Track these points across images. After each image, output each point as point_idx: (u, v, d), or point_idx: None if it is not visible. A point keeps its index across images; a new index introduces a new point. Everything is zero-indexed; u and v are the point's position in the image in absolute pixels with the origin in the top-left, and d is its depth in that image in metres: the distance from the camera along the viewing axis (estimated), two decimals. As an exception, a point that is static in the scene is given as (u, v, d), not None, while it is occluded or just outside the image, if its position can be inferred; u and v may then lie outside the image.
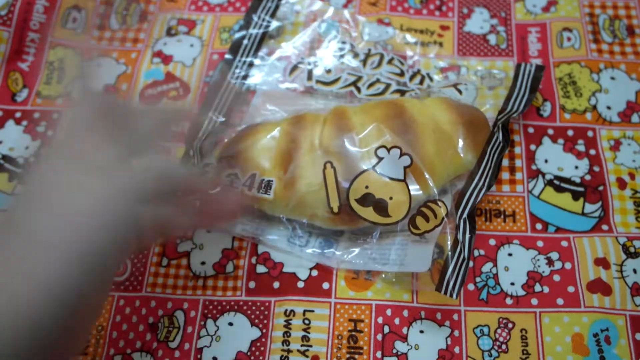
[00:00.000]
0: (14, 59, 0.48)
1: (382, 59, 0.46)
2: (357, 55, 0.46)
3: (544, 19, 0.49)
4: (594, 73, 0.46)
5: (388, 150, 0.38)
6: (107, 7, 0.51)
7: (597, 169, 0.42)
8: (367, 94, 0.44)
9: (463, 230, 0.37)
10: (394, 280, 0.39)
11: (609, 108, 0.45)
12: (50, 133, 0.44)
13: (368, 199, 0.37)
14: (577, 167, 0.43)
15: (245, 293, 0.39)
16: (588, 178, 0.42)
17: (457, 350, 0.37)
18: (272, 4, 0.49)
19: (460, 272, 0.36)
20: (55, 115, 0.45)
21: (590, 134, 0.44)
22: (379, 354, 0.37)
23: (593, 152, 0.43)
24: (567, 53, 0.47)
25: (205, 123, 0.43)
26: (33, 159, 0.32)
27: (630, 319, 0.37)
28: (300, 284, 0.39)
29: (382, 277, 0.39)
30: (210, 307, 0.38)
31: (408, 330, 0.37)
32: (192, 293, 0.39)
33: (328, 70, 0.46)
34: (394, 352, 0.37)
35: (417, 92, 0.44)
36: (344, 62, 0.46)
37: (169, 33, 0.50)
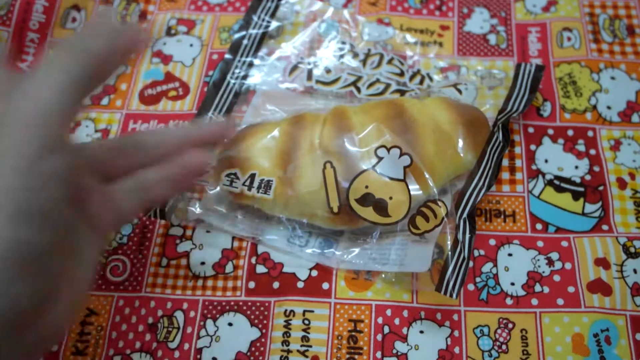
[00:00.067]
0: (14, 59, 0.48)
1: (382, 59, 0.46)
2: (357, 55, 0.46)
3: (544, 19, 0.49)
4: (594, 73, 0.46)
5: (388, 150, 0.38)
6: (106, 7, 0.51)
7: (597, 169, 0.42)
8: (367, 94, 0.44)
9: (463, 230, 0.37)
10: (394, 281, 0.39)
11: (609, 108, 0.45)
12: None
13: (368, 199, 0.37)
14: (577, 167, 0.43)
15: (245, 293, 0.39)
16: (588, 178, 0.42)
17: (457, 351, 0.37)
18: (271, 4, 0.49)
19: (460, 272, 0.35)
20: None
21: (591, 134, 0.44)
22: (379, 354, 0.37)
23: (593, 152, 0.43)
24: (567, 53, 0.47)
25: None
26: None
27: (631, 319, 0.37)
28: (300, 284, 0.39)
29: (382, 277, 0.39)
30: (210, 307, 0.38)
31: (408, 331, 0.37)
32: (191, 293, 0.39)
33: (328, 70, 0.46)
34: (394, 352, 0.37)
35: (417, 92, 0.44)
36: (344, 62, 0.46)
37: (169, 33, 0.50)
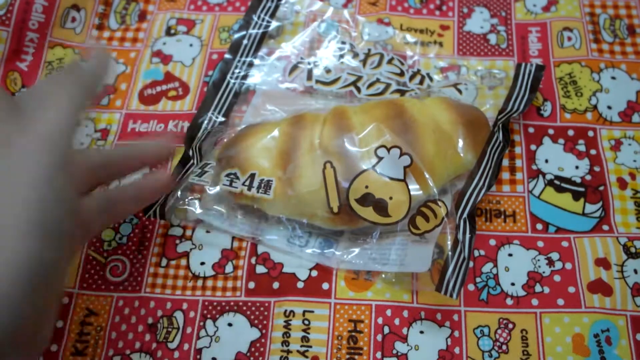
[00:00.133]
0: (13, 59, 0.47)
1: (382, 59, 0.46)
2: (356, 55, 0.46)
3: (545, 19, 0.49)
4: (595, 73, 0.46)
5: (388, 150, 0.38)
6: (106, 6, 0.51)
7: (597, 169, 0.42)
8: (367, 94, 0.44)
9: (463, 230, 0.37)
10: (394, 281, 0.38)
11: (610, 108, 0.45)
12: None
13: (368, 199, 0.37)
14: (577, 167, 0.43)
15: (245, 293, 0.39)
16: (588, 178, 0.42)
17: (457, 351, 0.37)
18: (271, 4, 0.49)
19: (461, 272, 0.35)
20: None
21: (591, 134, 0.44)
22: (379, 355, 0.36)
23: (594, 152, 0.43)
24: (567, 53, 0.47)
25: (205, 123, 0.43)
26: None
27: (631, 320, 0.37)
28: (300, 285, 0.39)
29: (382, 277, 0.39)
30: (210, 307, 0.38)
31: (408, 331, 0.37)
32: (191, 293, 0.39)
33: (328, 70, 0.46)
34: (394, 352, 0.37)
35: (417, 92, 0.44)
36: (344, 62, 0.46)
37: (168, 33, 0.50)
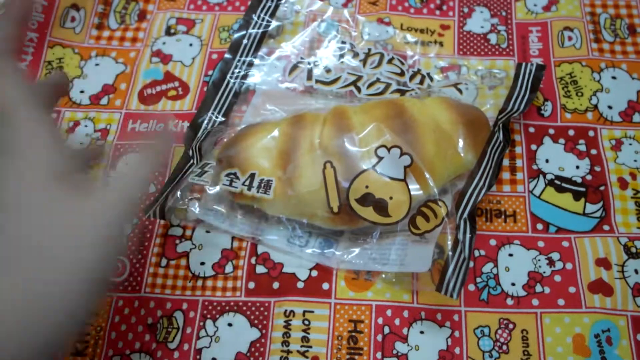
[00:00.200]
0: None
1: (382, 59, 0.46)
2: (357, 55, 0.46)
3: (545, 18, 0.49)
4: (595, 72, 0.46)
5: (388, 150, 0.38)
6: (105, 6, 0.51)
7: (598, 169, 0.42)
8: (367, 94, 0.44)
9: (463, 230, 0.37)
10: (394, 281, 0.38)
11: (610, 107, 0.45)
12: None
13: (368, 199, 0.37)
14: (578, 167, 0.42)
15: (245, 293, 0.39)
16: (589, 178, 0.42)
17: (457, 351, 0.36)
18: (271, 4, 0.49)
19: (461, 272, 0.35)
20: None
21: (592, 134, 0.44)
22: (379, 355, 0.36)
23: (594, 151, 0.43)
24: (568, 52, 0.47)
25: (205, 123, 0.43)
26: None
27: (632, 320, 0.37)
28: (300, 285, 0.39)
29: (382, 277, 0.39)
30: (210, 307, 0.38)
31: (408, 331, 0.37)
32: (191, 293, 0.39)
33: (328, 70, 0.46)
34: (394, 352, 0.36)
35: (417, 91, 0.44)
36: (344, 61, 0.46)
37: (168, 32, 0.50)
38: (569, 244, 0.40)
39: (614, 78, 0.46)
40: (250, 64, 0.47)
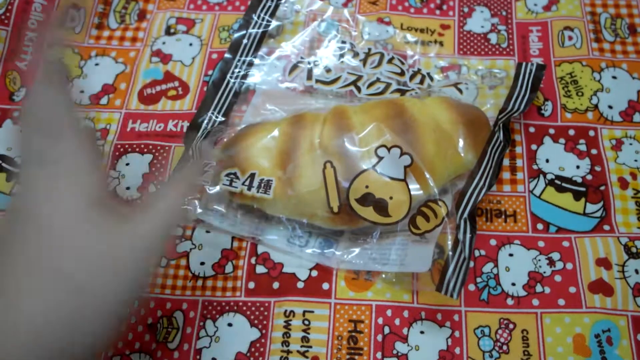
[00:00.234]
0: (12, 58, 0.47)
1: (382, 58, 0.46)
2: (357, 55, 0.46)
3: (545, 18, 0.49)
4: (596, 72, 0.46)
5: (388, 150, 0.38)
6: (105, 5, 0.51)
7: (598, 169, 0.42)
8: (367, 94, 0.44)
9: (464, 230, 0.37)
10: (394, 281, 0.38)
11: (611, 107, 0.45)
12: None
13: (368, 199, 0.37)
14: (578, 166, 0.42)
15: (245, 293, 0.39)
16: (589, 178, 0.42)
17: (457, 351, 0.36)
18: (271, 3, 0.49)
19: (461, 272, 0.35)
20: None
21: (592, 134, 0.44)
22: (379, 355, 0.36)
23: (594, 151, 0.43)
24: (568, 52, 0.47)
25: (205, 122, 0.43)
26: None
27: (632, 320, 0.37)
28: (300, 285, 0.39)
29: (382, 277, 0.39)
30: (210, 307, 0.38)
31: (408, 331, 0.37)
32: (191, 294, 0.39)
33: (328, 70, 0.46)
34: (394, 352, 0.36)
35: (417, 91, 0.44)
36: (344, 61, 0.46)
37: (168, 32, 0.49)
38: (570, 244, 0.39)
39: (615, 78, 0.46)
40: (250, 64, 0.47)
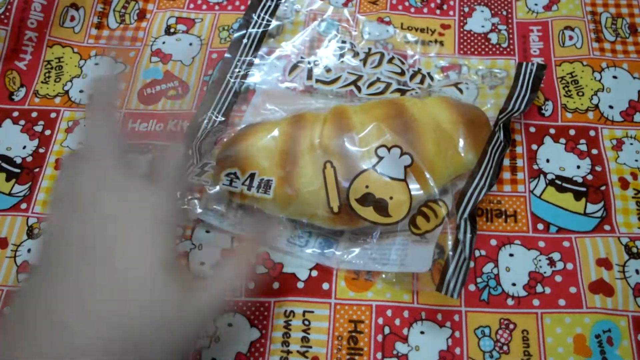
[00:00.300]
0: (11, 58, 0.47)
1: (382, 58, 0.45)
2: (357, 55, 0.46)
3: (546, 18, 0.49)
4: (596, 72, 0.46)
5: (388, 150, 0.37)
6: (105, 5, 0.51)
7: (599, 169, 0.42)
8: (367, 93, 0.44)
9: (464, 230, 0.37)
10: (395, 281, 0.38)
11: (611, 107, 0.45)
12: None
13: (368, 199, 0.37)
14: (579, 166, 0.42)
15: (245, 293, 0.39)
16: (590, 178, 0.42)
17: (458, 352, 0.36)
18: (271, 3, 0.49)
19: (461, 272, 0.35)
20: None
21: (592, 134, 0.44)
22: (380, 355, 0.36)
23: (595, 151, 0.43)
24: (568, 52, 0.47)
25: (205, 122, 0.43)
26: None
27: (633, 320, 0.37)
28: (300, 285, 0.39)
29: (382, 277, 0.38)
30: (209, 307, 0.38)
31: (408, 331, 0.37)
32: (191, 294, 0.39)
33: (328, 70, 0.45)
34: (395, 353, 0.36)
35: (417, 91, 0.44)
36: (344, 61, 0.46)
37: (168, 32, 0.49)
38: (570, 244, 0.39)
39: (615, 77, 0.46)
40: (250, 64, 0.47)
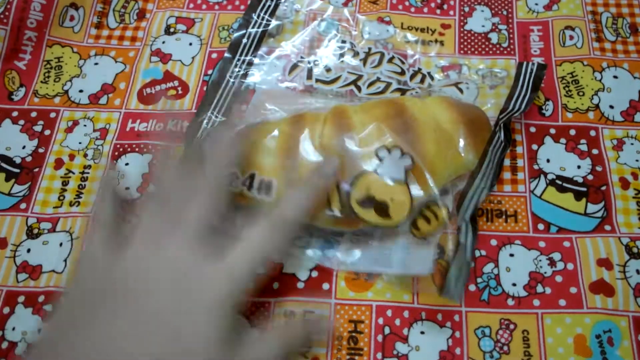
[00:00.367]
0: (11, 58, 0.47)
1: (382, 58, 0.45)
2: (357, 54, 0.46)
3: (546, 17, 0.49)
4: (597, 72, 0.46)
5: (389, 151, 0.37)
6: (105, 5, 0.51)
7: (599, 169, 0.42)
8: (367, 93, 0.44)
9: (465, 231, 0.37)
10: (395, 281, 0.38)
11: (612, 107, 0.45)
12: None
13: (369, 201, 0.37)
14: (579, 166, 0.42)
15: (245, 294, 0.38)
16: (590, 178, 0.42)
17: (458, 352, 0.36)
18: (271, 3, 0.49)
19: (462, 275, 0.35)
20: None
21: (593, 134, 0.44)
22: (380, 355, 0.36)
23: (595, 151, 0.43)
24: (569, 52, 0.47)
25: (205, 122, 0.43)
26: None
27: (634, 320, 0.37)
28: (300, 285, 0.39)
29: (382, 277, 0.38)
30: (209, 308, 0.38)
31: (409, 331, 0.37)
32: (190, 294, 0.39)
33: (328, 69, 0.45)
34: (395, 353, 0.36)
35: (417, 91, 0.44)
36: (344, 60, 0.46)
37: (168, 31, 0.49)
38: (570, 244, 0.39)
39: (616, 77, 0.46)
40: (250, 63, 0.47)
